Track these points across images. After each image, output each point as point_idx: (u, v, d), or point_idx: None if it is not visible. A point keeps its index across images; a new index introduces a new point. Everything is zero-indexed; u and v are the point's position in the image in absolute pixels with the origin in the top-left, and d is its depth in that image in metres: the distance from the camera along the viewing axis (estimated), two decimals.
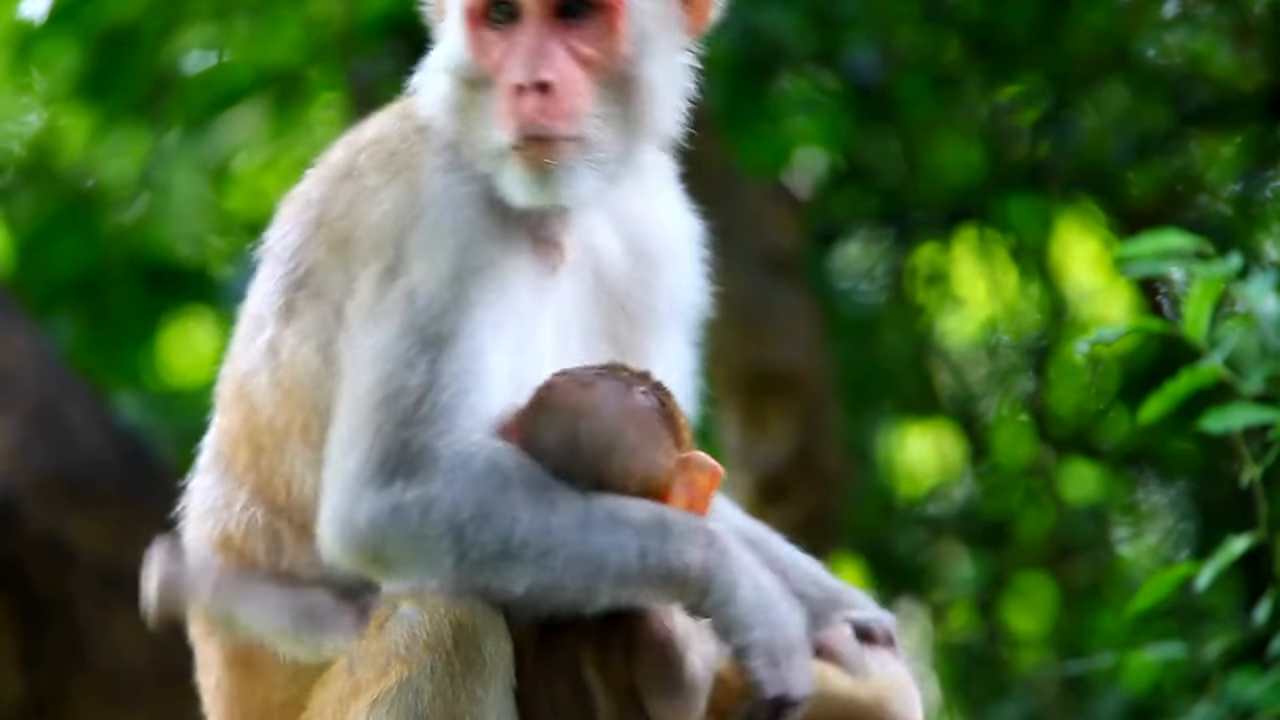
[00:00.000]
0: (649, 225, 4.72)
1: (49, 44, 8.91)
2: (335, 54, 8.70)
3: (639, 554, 4.27)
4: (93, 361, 8.93)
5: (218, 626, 4.56)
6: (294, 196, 4.65)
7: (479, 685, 4.29)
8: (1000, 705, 8.87)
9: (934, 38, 8.88)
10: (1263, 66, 8.80)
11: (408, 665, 4.31)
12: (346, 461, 4.35)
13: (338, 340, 4.47)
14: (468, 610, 4.29)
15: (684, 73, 4.59)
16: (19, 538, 7.79)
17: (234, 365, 4.63)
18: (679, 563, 4.27)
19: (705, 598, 4.28)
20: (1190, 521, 9.16)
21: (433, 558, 4.30)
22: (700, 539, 4.29)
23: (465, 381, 4.36)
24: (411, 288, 4.40)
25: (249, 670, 4.62)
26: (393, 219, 4.47)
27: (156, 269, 9.22)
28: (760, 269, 8.29)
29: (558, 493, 4.30)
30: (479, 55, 4.44)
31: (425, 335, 4.37)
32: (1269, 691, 5.41)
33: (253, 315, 4.58)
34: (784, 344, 8.31)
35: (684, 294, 4.74)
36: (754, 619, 4.28)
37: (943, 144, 9.07)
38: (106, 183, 9.38)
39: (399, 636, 4.34)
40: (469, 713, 4.29)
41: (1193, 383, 5.19)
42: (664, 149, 4.69)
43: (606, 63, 4.44)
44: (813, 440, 8.32)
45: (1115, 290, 9.42)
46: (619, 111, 4.46)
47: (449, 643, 4.30)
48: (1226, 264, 5.17)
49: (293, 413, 4.52)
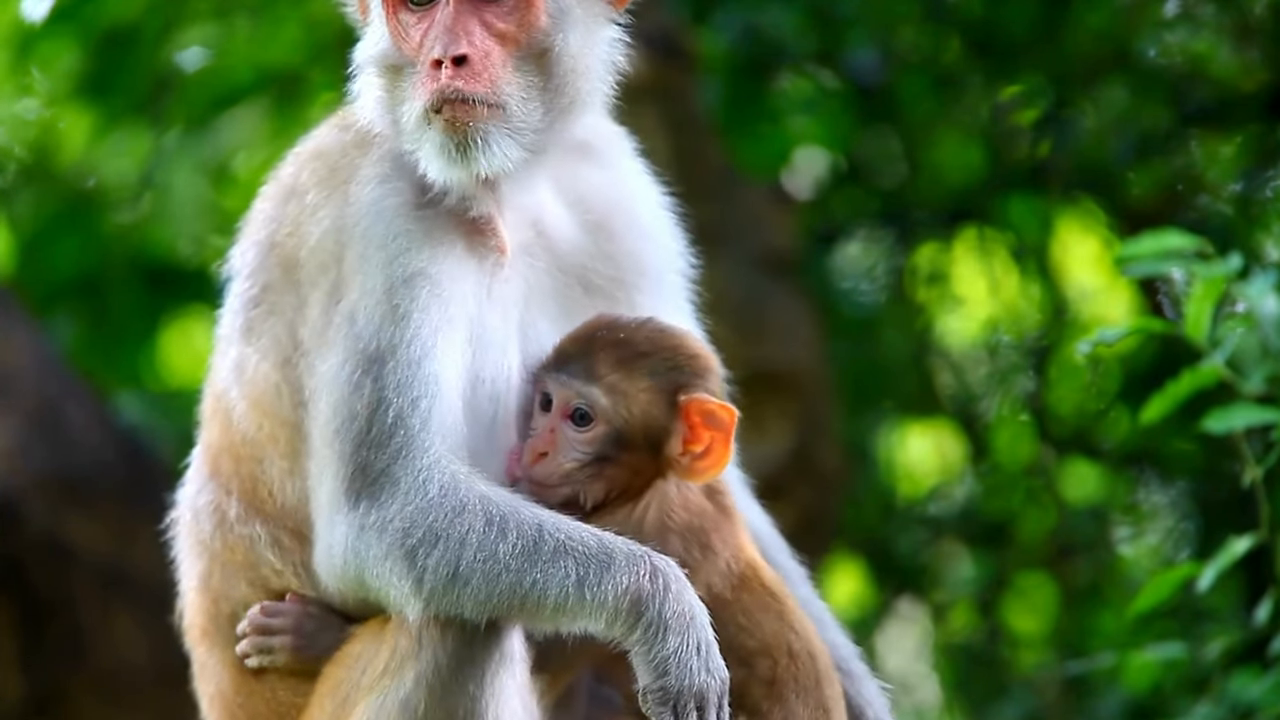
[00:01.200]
0: (605, 198, 4.75)
1: (49, 44, 8.91)
2: (335, 54, 8.68)
3: (577, 583, 4.31)
4: (93, 361, 8.92)
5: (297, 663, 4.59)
6: (251, 215, 4.77)
7: (474, 683, 4.30)
8: (1000, 705, 8.86)
9: (934, 37, 8.88)
10: (1263, 66, 8.80)
11: (404, 663, 4.33)
12: (321, 492, 4.46)
13: (294, 358, 4.56)
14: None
15: (608, 44, 4.62)
16: (19, 538, 7.78)
17: (212, 381, 4.75)
18: (612, 595, 4.30)
19: (631, 633, 4.32)
20: (1191, 522, 9.15)
21: (393, 579, 4.36)
22: (642, 569, 4.32)
23: (413, 392, 4.41)
24: (351, 309, 4.46)
25: (252, 678, 4.64)
26: (331, 238, 4.55)
27: (156, 269, 9.21)
28: (758, 269, 8.29)
29: (511, 519, 4.34)
30: (399, 39, 4.51)
31: (367, 355, 4.43)
32: (1269, 691, 5.41)
33: (222, 334, 4.71)
34: (781, 344, 8.30)
35: (655, 259, 4.75)
36: (671, 665, 4.30)
37: (943, 144, 9.07)
38: (107, 183, 9.37)
39: (396, 635, 4.35)
40: (463, 708, 4.30)
41: (1194, 383, 5.19)
42: (607, 119, 4.74)
43: (523, 36, 4.50)
44: (810, 440, 8.32)
45: (1116, 290, 9.42)
46: (538, 83, 4.51)
47: (445, 641, 4.32)
48: (1227, 264, 5.17)
49: (262, 425, 4.60)
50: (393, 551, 4.34)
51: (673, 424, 4.53)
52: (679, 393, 4.54)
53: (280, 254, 4.63)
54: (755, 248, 8.32)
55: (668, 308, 4.75)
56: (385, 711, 4.34)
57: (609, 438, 4.52)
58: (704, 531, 4.55)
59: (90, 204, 9.28)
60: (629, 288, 4.73)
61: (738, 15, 8.46)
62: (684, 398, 4.53)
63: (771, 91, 8.79)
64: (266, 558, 4.61)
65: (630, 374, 4.53)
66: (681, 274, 4.81)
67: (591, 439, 4.52)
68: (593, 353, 4.55)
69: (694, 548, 4.53)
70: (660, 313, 4.69)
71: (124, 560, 7.88)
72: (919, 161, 9.10)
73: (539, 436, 4.53)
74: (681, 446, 4.53)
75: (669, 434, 4.53)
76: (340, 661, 4.47)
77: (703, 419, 4.53)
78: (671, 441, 4.53)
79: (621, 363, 4.54)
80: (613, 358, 4.54)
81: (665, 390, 4.54)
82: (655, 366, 4.55)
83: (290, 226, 4.62)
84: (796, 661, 4.57)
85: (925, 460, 9.83)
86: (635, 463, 4.54)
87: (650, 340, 4.58)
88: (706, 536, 4.55)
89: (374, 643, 4.41)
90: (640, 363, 4.55)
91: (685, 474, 4.54)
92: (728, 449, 4.53)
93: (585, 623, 4.34)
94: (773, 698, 4.52)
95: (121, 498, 7.89)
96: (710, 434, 4.53)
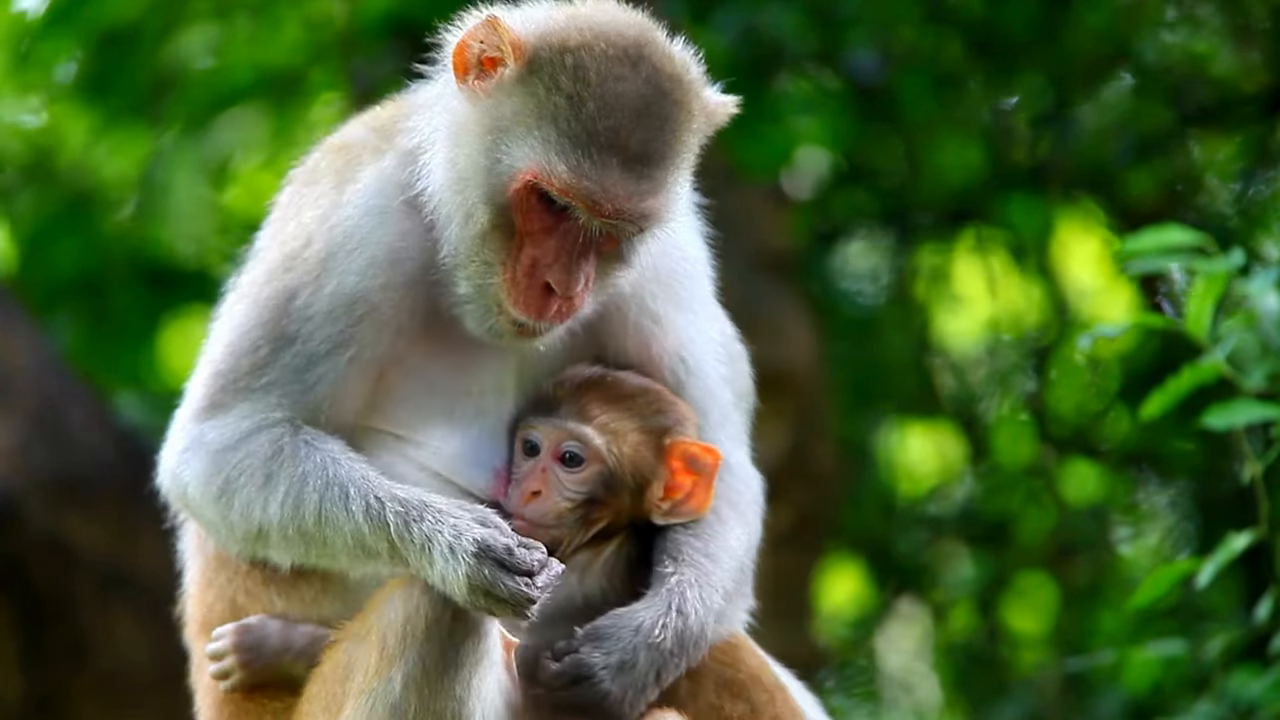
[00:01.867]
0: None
1: (49, 44, 8.90)
2: (336, 54, 8.69)
3: (355, 531, 4.36)
4: (93, 361, 8.92)
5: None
6: (277, 200, 4.75)
7: (458, 681, 4.30)
8: (1001, 705, 8.86)
9: (935, 38, 8.87)
10: (1263, 67, 8.80)
11: (390, 661, 4.33)
12: (182, 411, 4.58)
13: None
14: (447, 606, 4.31)
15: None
16: (19, 538, 7.78)
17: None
18: (371, 535, 4.34)
19: (408, 565, 4.34)
20: (1191, 521, 9.15)
21: (196, 485, 4.47)
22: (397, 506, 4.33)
23: (295, 383, 4.45)
24: (293, 287, 4.47)
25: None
26: (315, 220, 4.53)
27: (156, 269, 9.21)
28: (755, 269, 8.29)
29: (292, 473, 4.40)
30: (525, 219, 4.40)
31: (282, 334, 4.48)
32: (1269, 689, 5.41)
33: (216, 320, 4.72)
34: (778, 344, 8.30)
35: (652, 275, 4.71)
36: (450, 579, 4.29)
37: (944, 144, 9.07)
38: (107, 183, 9.36)
39: (382, 632, 4.35)
40: (449, 708, 4.31)
41: (1195, 379, 5.19)
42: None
43: (622, 259, 4.48)
44: (807, 440, 8.32)
45: (1116, 290, 9.42)
46: (605, 283, 4.50)
47: (430, 638, 4.32)
48: (1229, 260, 5.17)
49: None
50: (211, 480, 4.45)
51: (658, 468, 4.57)
52: (664, 436, 4.58)
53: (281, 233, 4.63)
54: (753, 248, 8.32)
55: (681, 317, 4.76)
56: (377, 715, 4.34)
57: (600, 478, 4.55)
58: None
59: (90, 204, 9.28)
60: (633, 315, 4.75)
61: (737, 15, 8.45)
62: (668, 441, 4.56)
63: (771, 92, 8.78)
64: (253, 564, 4.62)
65: (620, 415, 4.57)
66: (692, 275, 4.80)
67: (584, 479, 4.55)
68: (582, 395, 4.58)
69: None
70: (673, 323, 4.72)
71: (124, 560, 7.88)
72: (919, 161, 9.10)
73: (531, 476, 4.56)
74: (663, 492, 4.56)
75: (654, 478, 4.57)
76: (324, 666, 4.47)
77: (685, 463, 4.58)
78: (654, 485, 4.56)
79: (611, 404, 4.58)
80: (603, 399, 4.58)
81: (652, 433, 4.59)
82: (642, 409, 4.59)
83: (297, 210, 4.61)
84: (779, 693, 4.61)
85: (925, 460, 9.83)
86: (619, 505, 4.58)
87: (635, 386, 4.63)
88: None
89: (357, 646, 4.41)
90: (629, 404, 4.59)
91: (665, 517, 4.58)
92: (708, 493, 4.58)
93: (373, 566, 4.40)
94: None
95: (121, 498, 7.89)
96: (692, 479, 4.59)
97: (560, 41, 4.36)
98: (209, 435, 4.48)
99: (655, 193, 4.36)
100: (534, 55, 4.35)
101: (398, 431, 4.53)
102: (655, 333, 4.65)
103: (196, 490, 4.48)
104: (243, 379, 4.48)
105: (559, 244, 4.38)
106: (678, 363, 4.66)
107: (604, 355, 4.66)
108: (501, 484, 4.57)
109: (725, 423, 4.74)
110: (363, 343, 4.47)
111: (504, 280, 4.41)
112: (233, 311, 4.56)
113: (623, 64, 4.35)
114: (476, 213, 4.40)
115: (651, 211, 4.37)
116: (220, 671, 4.59)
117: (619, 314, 4.65)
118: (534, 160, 4.33)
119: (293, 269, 4.50)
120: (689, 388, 4.67)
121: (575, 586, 4.54)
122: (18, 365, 7.96)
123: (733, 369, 4.78)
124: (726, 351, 4.77)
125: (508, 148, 4.37)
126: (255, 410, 4.46)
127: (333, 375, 4.47)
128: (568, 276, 4.37)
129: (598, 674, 4.38)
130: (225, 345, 4.52)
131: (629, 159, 4.32)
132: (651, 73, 4.36)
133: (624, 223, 4.36)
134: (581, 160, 4.31)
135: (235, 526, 4.45)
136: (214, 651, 4.60)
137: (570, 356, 4.62)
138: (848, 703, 9.32)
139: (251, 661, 4.57)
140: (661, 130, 4.35)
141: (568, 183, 4.32)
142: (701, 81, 4.47)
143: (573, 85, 4.32)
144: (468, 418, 4.56)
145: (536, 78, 4.35)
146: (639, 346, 4.65)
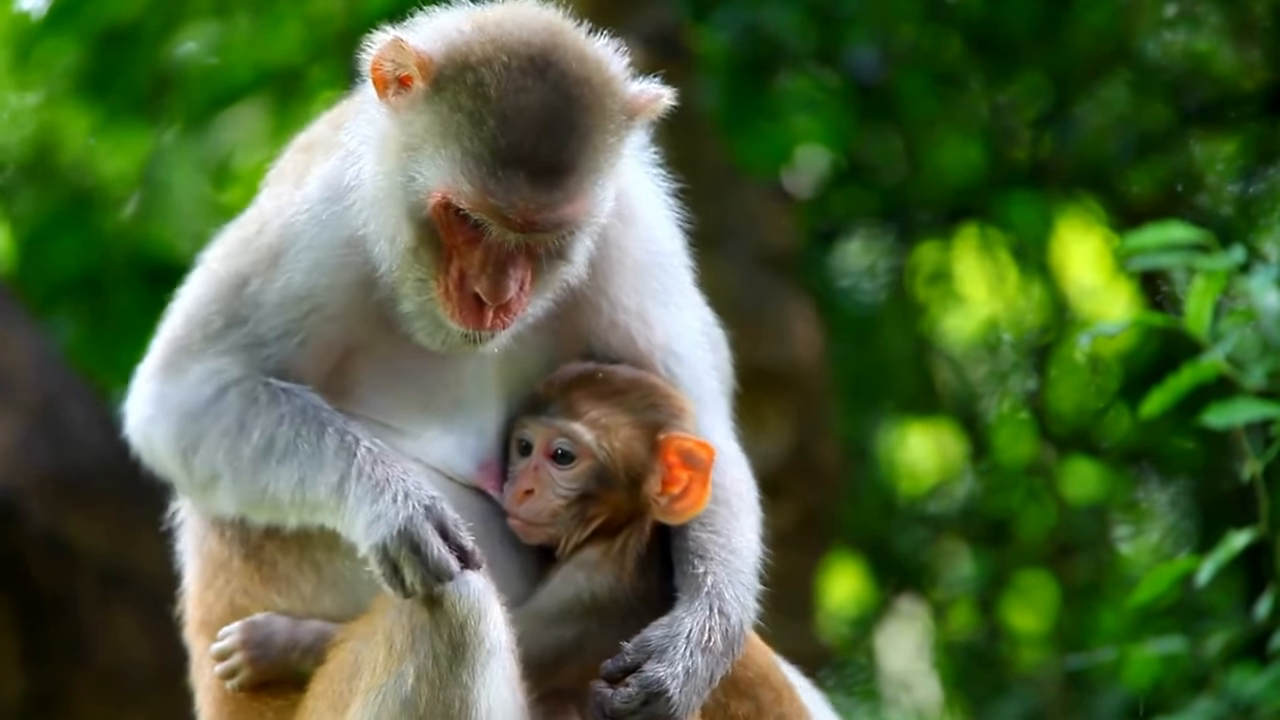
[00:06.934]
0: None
1: (49, 43, 8.91)
2: (336, 52, 8.69)
3: (299, 483, 4.42)
4: (93, 360, 8.91)
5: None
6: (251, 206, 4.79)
7: (467, 672, 4.31)
8: (1001, 703, 8.87)
9: (935, 36, 8.88)
10: (1263, 65, 8.81)
11: (399, 655, 4.33)
12: (143, 368, 4.65)
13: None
14: (455, 598, 4.31)
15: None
16: (20, 537, 7.78)
17: None
18: (325, 493, 4.40)
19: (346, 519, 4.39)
20: (1191, 519, 9.16)
21: (164, 443, 4.55)
22: (351, 462, 4.39)
23: (247, 352, 4.53)
24: (246, 274, 4.56)
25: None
26: (273, 212, 4.59)
27: (157, 268, 9.20)
28: (757, 267, 8.29)
29: (258, 423, 4.47)
30: (447, 234, 4.41)
31: (235, 314, 4.56)
32: (1269, 687, 5.41)
33: None
34: (780, 342, 8.30)
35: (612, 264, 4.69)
36: (373, 523, 4.33)
37: (944, 142, 9.07)
38: (107, 181, 9.36)
39: (390, 626, 4.36)
40: (459, 699, 4.31)
41: (1195, 377, 5.19)
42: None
43: (559, 259, 4.46)
44: (809, 438, 8.32)
45: (1116, 288, 9.42)
46: (548, 282, 4.49)
47: (438, 631, 4.32)
48: (1229, 257, 5.17)
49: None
50: (171, 437, 4.54)
51: (652, 462, 4.56)
52: (658, 431, 4.57)
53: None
54: (754, 246, 8.32)
55: (663, 306, 4.75)
56: (388, 710, 4.34)
57: (592, 474, 4.55)
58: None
59: (90, 202, 9.28)
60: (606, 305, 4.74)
61: (738, 14, 8.46)
62: (662, 436, 4.56)
63: (772, 90, 8.79)
64: (251, 562, 4.62)
65: (611, 410, 4.57)
66: (666, 260, 4.79)
67: (575, 476, 4.55)
68: (571, 393, 4.58)
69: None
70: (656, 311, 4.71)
71: (124, 559, 7.88)
72: (919, 160, 9.10)
73: (524, 475, 4.57)
74: (660, 487, 4.56)
75: (648, 472, 4.56)
76: (330, 665, 4.48)
77: (681, 458, 4.56)
78: (650, 480, 4.56)
79: (601, 400, 4.57)
80: (592, 396, 4.58)
81: (645, 427, 4.58)
82: (634, 404, 4.59)
83: (257, 211, 4.65)
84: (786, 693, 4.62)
85: (925, 458, 9.83)
86: (616, 501, 4.57)
87: (627, 380, 4.62)
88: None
89: (364, 645, 4.41)
90: (619, 400, 4.58)
91: (663, 514, 4.58)
92: (705, 489, 4.56)
93: (321, 519, 4.44)
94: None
95: (121, 497, 7.89)
96: (688, 474, 4.57)
97: (463, 58, 4.35)
98: (169, 393, 4.57)
99: (570, 200, 4.34)
100: (438, 73, 4.36)
101: (375, 417, 4.55)
102: (640, 328, 4.65)
103: (164, 446, 4.58)
104: (197, 344, 4.57)
105: (484, 255, 4.38)
106: (669, 355, 4.66)
107: (591, 352, 4.66)
108: (498, 483, 4.58)
109: (715, 411, 4.74)
110: (311, 332, 4.52)
111: (439, 295, 4.42)
112: (193, 282, 4.67)
113: (526, 75, 4.32)
114: (401, 230, 4.42)
115: (568, 218, 4.35)
116: (227, 669, 4.59)
117: (596, 309, 4.65)
118: (442, 179, 4.33)
119: (247, 253, 4.57)
120: (680, 379, 4.66)
121: (583, 584, 4.54)
122: (18, 364, 7.96)
123: (716, 356, 4.78)
124: (709, 339, 4.77)
125: (420, 166, 4.37)
126: (214, 372, 4.54)
127: (282, 354, 4.53)
128: (495, 286, 4.37)
129: (669, 688, 4.38)
130: (184, 315, 4.64)
131: (536, 171, 4.30)
132: (559, 79, 4.32)
133: (539, 233, 4.35)
134: (486, 178, 4.30)
135: (195, 471, 4.55)
136: (220, 649, 4.60)
137: (555, 353, 4.63)
138: (848, 701, 9.32)
139: (259, 659, 4.57)
140: (570, 137, 4.31)
141: (475, 201, 4.31)
142: (621, 78, 4.42)
143: (473, 103, 4.31)
144: (445, 409, 4.57)
145: (441, 96, 4.34)
146: (624, 341, 4.64)
